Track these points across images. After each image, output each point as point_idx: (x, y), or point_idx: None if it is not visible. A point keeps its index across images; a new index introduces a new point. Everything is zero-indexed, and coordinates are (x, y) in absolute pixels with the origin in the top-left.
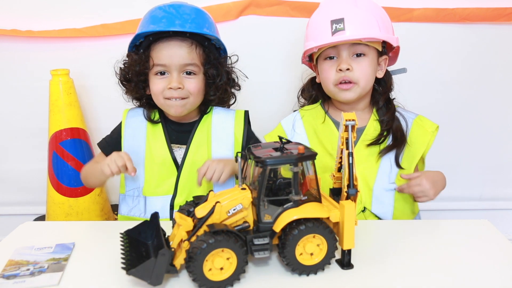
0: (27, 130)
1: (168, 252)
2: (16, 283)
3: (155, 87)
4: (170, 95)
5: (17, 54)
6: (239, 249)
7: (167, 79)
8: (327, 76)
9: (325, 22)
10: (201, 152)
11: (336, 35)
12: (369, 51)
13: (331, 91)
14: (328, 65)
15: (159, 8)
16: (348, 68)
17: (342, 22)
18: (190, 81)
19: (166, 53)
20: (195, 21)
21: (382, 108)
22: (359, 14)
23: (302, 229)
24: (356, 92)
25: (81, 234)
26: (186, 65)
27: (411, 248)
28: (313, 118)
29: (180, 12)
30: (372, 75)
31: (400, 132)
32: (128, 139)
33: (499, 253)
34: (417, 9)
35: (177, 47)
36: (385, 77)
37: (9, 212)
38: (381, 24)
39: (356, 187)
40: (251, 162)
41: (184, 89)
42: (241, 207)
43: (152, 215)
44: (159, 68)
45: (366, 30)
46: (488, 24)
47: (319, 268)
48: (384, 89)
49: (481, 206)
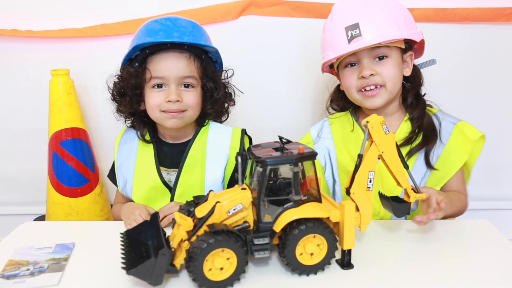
0: (27, 130)
1: (168, 252)
2: (16, 283)
3: (152, 100)
4: (168, 108)
5: (17, 54)
6: (239, 249)
7: (165, 92)
8: (349, 84)
9: (339, 29)
10: (195, 171)
11: (353, 42)
12: (391, 52)
13: (356, 99)
14: (349, 72)
15: (155, 22)
16: (372, 74)
17: (357, 27)
18: (188, 94)
19: (165, 65)
20: (193, 34)
21: (412, 105)
22: (374, 16)
23: (302, 229)
24: (383, 98)
25: (81, 234)
26: (184, 78)
27: (411, 248)
28: (341, 126)
29: (177, 24)
30: (399, 76)
31: (431, 128)
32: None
33: (499, 253)
34: (417, 9)
35: (175, 59)
36: (413, 73)
37: (9, 212)
38: (400, 20)
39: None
40: (251, 162)
41: (182, 102)
42: (241, 207)
43: (152, 215)
44: (156, 81)
45: (384, 32)
46: (488, 24)
47: (319, 268)
48: (413, 85)
49: (481, 206)
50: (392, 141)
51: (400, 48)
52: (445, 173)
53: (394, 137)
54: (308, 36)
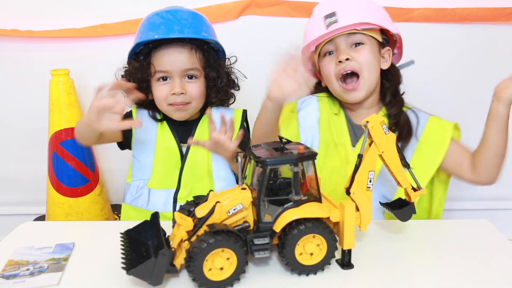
0: (27, 130)
1: (168, 252)
2: (16, 283)
3: (158, 93)
4: (174, 101)
5: (17, 54)
6: (239, 249)
7: (170, 85)
8: (328, 72)
9: (318, 19)
10: (201, 148)
11: (330, 27)
12: (367, 40)
13: (336, 90)
14: (327, 60)
15: (156, 15)
16: (348, 58)
17: (334, 15)
18: (192, 85)
19: (167, 59)
20: (193, 26)
21: (390, 102)
22: (351, 3)
23: (302, 229)
24: (363, 90)
25: (81, 234)
26: (187, 70)
27: (411, 248)
28: (329, 105)
29: (177, 17)
30: (375, 65)
31: (407, 126)
32: (140, 131)
33: (499, 253)
34: (417, 9)
35: (177, 53)
36: (392, 70)
37: (9, 212)
38: (376, 12)
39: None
40: (251, 162)
41: (186, 94)
42: (241, 207)
43: (152, 215)
44: (161, 74)
45: (359, 17)
46: (488, 24)
47: (319, 268)
48: (392, 82)
49: (481, 206)
50: (392, 141)
51: (377, 41)
52: (427, 166)
53: (394, 137)
54: None
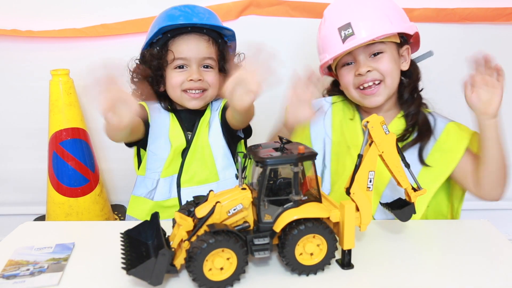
0: (27, 130)
1: (168, 252)
2: (16, 283)
3: (174, 80)
4: (190, 86)
5: (17, 54)
6: (239, 249)
7: (187, 72)
8: (347, 82)
9: (332, 31)
10: (203, 133)
11: (347, 41)
12: (386, 48)
13: (354, 98)
14: (346, 71)
15: (175, 8)
16: (369, 70)
17: (350, 27)
18: (208, 73)
19: (186, 47)
20: (210, 20)
21: (408, 100)
22: (365, 13)
23: (302, 229)
24: (384, 94)
25: (81, 234)
26: (205, 59)
27: (411, 248)
28: (342, 110)
29: (195, 11)
30: (397, 70)
31: (426, 125)
32: (154, 125)
33: (499, 253)
34: (417, 9)
35: (196, 41)
36: (410, 67)
37: (9, 212)
38: (392, 15)
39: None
40: (251, 162)
41: (204, 81)
42: (241, 207)
43: (152, 215)
44: (179, 62)
45: (377, 28)
46: (488, 24)
47: (319, 268)
48: (411, 80)
49: (481, 206)
50: (392, 141)
51: (396, 43)
52: (440, 170)
53: (394, 137)
54: (308, 36)
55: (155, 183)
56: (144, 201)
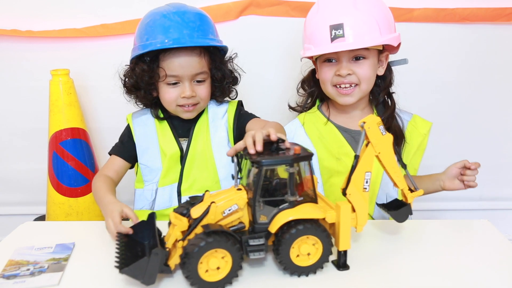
0: (27, 130)
1: (161, 251)
2: (16, 283)
3: (167, 95)
4: (184, 102)
5: (17, 54)
6: (234, 250)
7: (180, 88)
8: (326, 78)
9: (323, 26)
10: (201, 140)
11: (336, 42)
12: (369, 54)
13: (330, 93)
14: (327, 68)
15: (164, 17)
16: (349, 73)
17: (341, 28)
18: (200, 88)
19: (178, 64)
20: (201, 29)
21: (381, 104)
22: (359, 18)
23: (297, 230)
24: (356, 96)
25: (81, 234)
26: (197, 74)
27: (410, 248)
28: (313, 123)
29: (185, 20)
30: (373, 76)
31: (399, 130)
32: (140, 139)
33: (499, 253)
34: (417, 9)
35: (187, 58)
36: (386, 71)
37: (9, 212)
38: (383, 24)
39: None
40: (247, 163)
41: (196, 97)
42: (236, 208)
43: (149, 215)
44: (171, 79)
45: (366, 37)
46: (488, 24)
47: (313, 269)
48: (384, 84)
49: (481, 206)
50: (389, 142)
51: (378, 50)
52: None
53: (391, 138)
54: None
55: (154, 193)
56: (145, 212)
